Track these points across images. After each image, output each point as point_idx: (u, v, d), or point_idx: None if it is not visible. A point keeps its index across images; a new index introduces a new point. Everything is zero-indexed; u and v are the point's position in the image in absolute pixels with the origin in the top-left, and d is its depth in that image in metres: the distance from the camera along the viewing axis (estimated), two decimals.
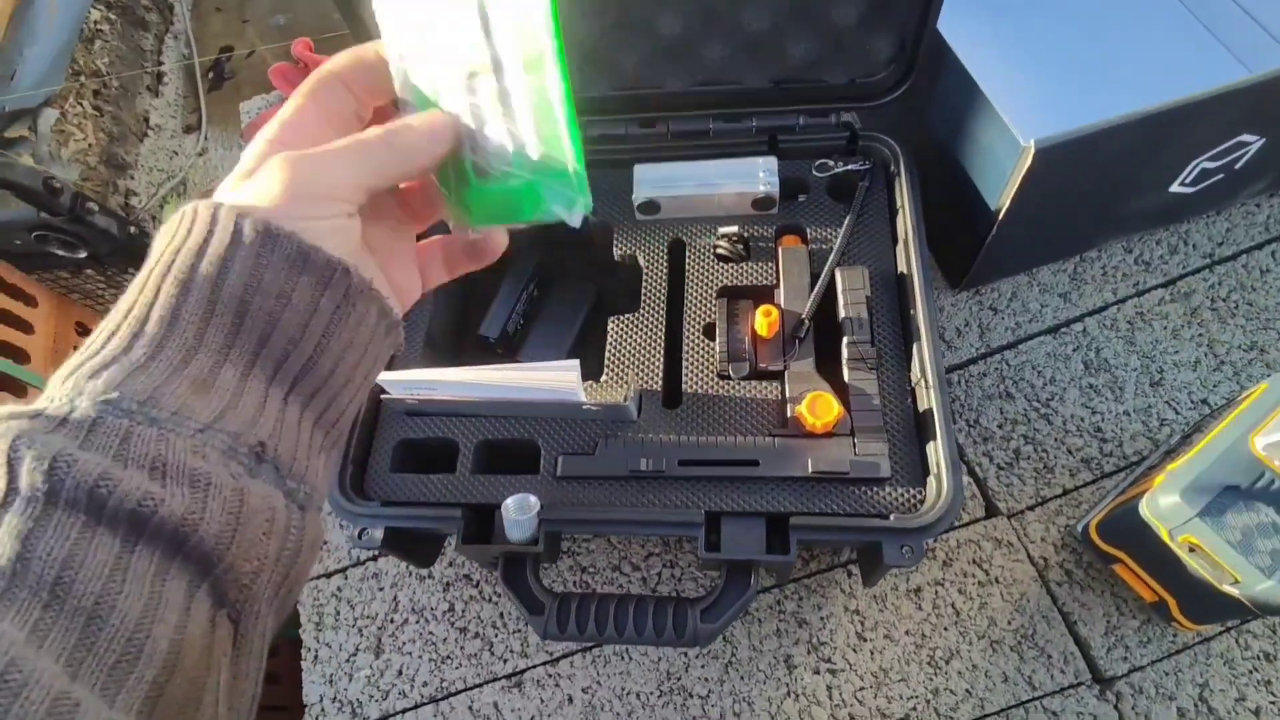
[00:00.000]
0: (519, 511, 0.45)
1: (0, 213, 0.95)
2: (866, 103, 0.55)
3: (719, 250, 0.54)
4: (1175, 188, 0.56)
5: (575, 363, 0.45)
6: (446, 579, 0.58)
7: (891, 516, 0.43)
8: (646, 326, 0.53)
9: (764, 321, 0.49)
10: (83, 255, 1.00)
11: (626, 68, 0.55)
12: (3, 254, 0.97)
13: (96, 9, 2.18)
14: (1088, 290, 0.62)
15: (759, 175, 0.54)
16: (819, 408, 0.45)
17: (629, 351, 0.52)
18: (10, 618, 0.19)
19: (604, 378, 0.51)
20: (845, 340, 0.48)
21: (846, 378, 0.48)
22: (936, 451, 0.44)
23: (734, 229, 0.54)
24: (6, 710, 0.17)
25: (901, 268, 0.51)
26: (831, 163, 0.56)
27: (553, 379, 0.46)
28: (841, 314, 0.49)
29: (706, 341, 0.52)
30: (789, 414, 0.47)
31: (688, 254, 0.55)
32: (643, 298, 0.54)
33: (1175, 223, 0.63)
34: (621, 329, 0.53)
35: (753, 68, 0.55)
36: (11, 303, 0.97)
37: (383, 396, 0.50)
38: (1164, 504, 0.42)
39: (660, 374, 0.51)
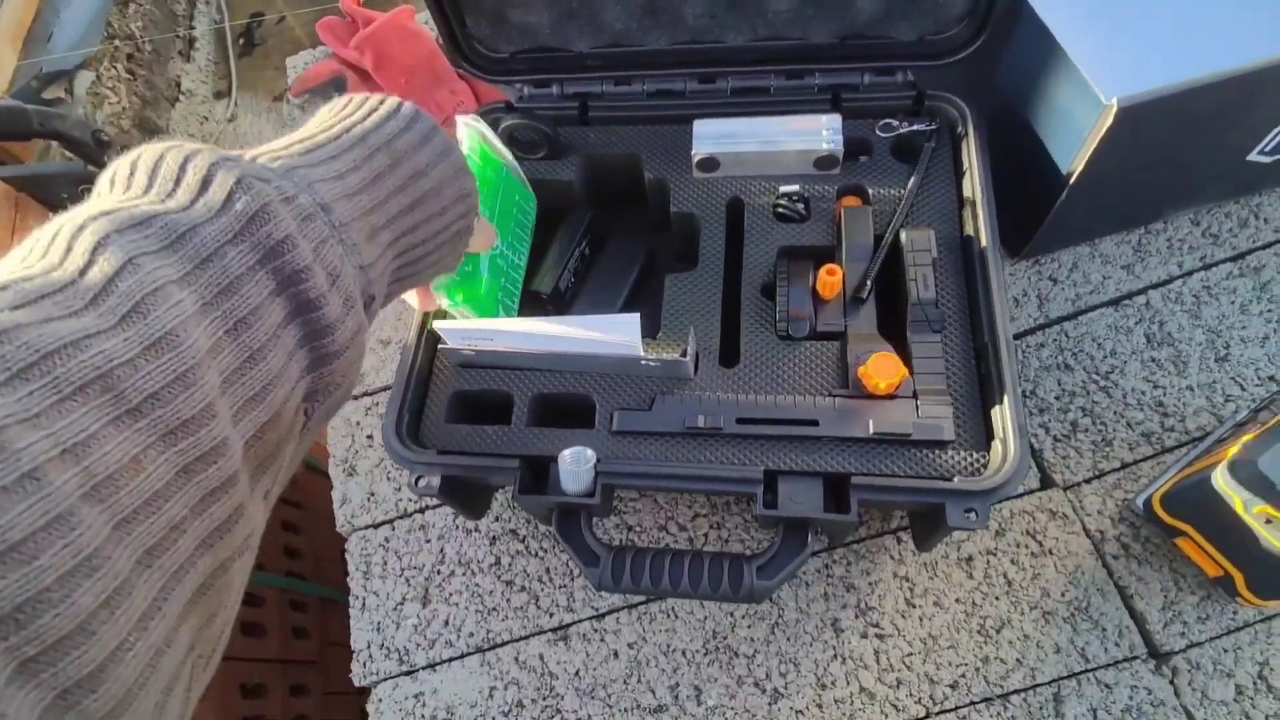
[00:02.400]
0: (575, 464, 0.45)
1: (47, 165, 0.96)
2: (934, 61, 0.54)
3: (779, 209, 0.53)
4: (1254, 156, 0.54)
5: (636, 316, 0.45)
6: (493, 533, 0.58)
7: (955, 479, 0.43)
8: (704, 285, 0.52)
9: (827, 281, 0.48)
10: None
11: (687, 20, 0.54)
12: (49, 207, 0.98)
13: None
14: (1152, 263, 0.60)
15: (823, 133, 0.53)
16: (884, 368, 0.44)
17: (686, 309, 0.51)
18: (208, 345, 0.25)
19: (660, 335, 0.51)
20: (910, 302, 0.47)
21: (910, 340, 0.47)
22: (1003, 414, 0.43)
23: (795, 188, 0.53)
24: (181, 397, 0.23)
25: (968, 230, 0.50)
26: (896, 123, 0.54)
27: (613, 332, 0.46)
28: (907, 275, 0.48)
29: (765, 301, 0.51)
30: (850, 375, 0.46)
31: (746, 213, 0.54)
32: (700, 256, 0.53)
33: (1248, 195, 0.60)
34: (678, 287, 0.52)
35: (817, 23, 0.54)
36: None
37: (440, 347, 0.50)
38: (1240, 475, 0.41)
39: (718, 332, 0.50)
